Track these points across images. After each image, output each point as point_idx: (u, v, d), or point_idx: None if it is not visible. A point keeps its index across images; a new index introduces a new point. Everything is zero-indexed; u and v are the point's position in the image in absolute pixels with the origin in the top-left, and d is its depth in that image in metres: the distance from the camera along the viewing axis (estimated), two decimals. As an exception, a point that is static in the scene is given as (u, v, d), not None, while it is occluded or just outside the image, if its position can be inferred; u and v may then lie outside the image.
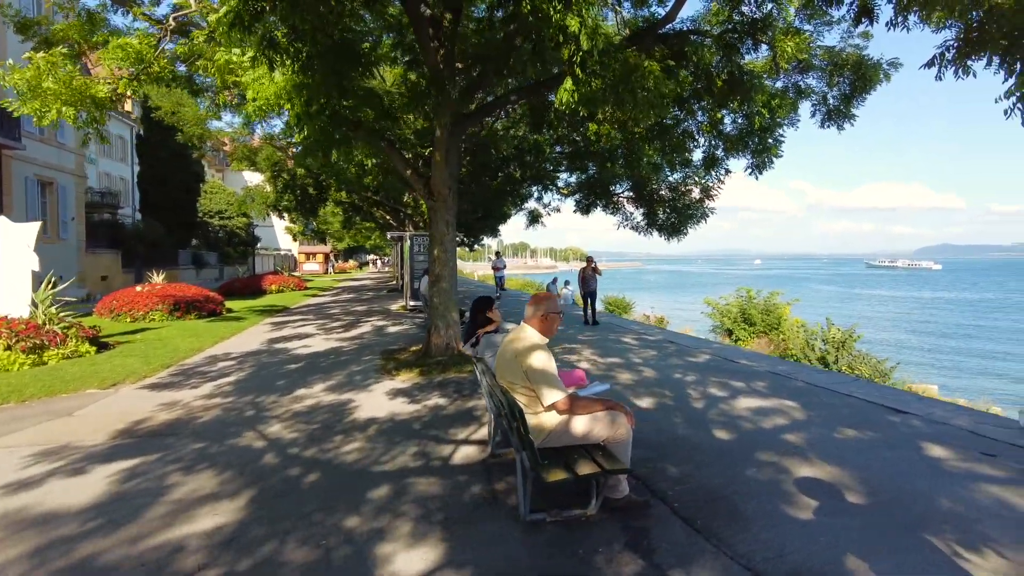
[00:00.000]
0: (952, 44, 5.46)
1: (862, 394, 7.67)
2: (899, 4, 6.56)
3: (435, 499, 4.29)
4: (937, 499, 4.31)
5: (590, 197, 16.91)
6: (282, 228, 50.63)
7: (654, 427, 6.08)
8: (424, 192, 9.44)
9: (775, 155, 10.90)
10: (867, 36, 10.31)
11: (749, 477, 4.72)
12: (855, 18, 7.16)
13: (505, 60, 7.52)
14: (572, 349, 10.92)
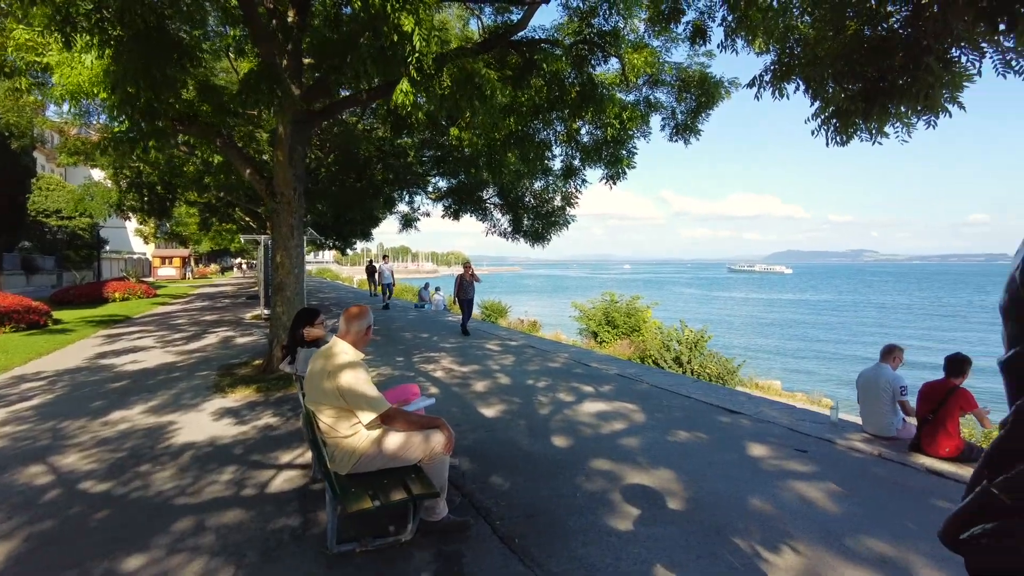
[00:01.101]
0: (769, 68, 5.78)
1: (699, 395, 8.03)
2: (727, 28, 6.93)
3: (238, 533, 3.87)
4: (749, 500, 4.49)
5: (459, 202, 16.79)
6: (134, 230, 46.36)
7: (495, 437, 5.97)
8: (266, 193, 8.81)
9: (628, 166, 11.25)
10: (711, 55, 10.94)
11: (579, 487, 4.69)
12: (691, 37, 7.48)
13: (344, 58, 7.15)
14: (432, 358, 10.68)
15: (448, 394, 7.81)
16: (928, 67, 3.77)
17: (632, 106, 10.48)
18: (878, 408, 6.20)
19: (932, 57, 3.78)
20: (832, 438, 6.18)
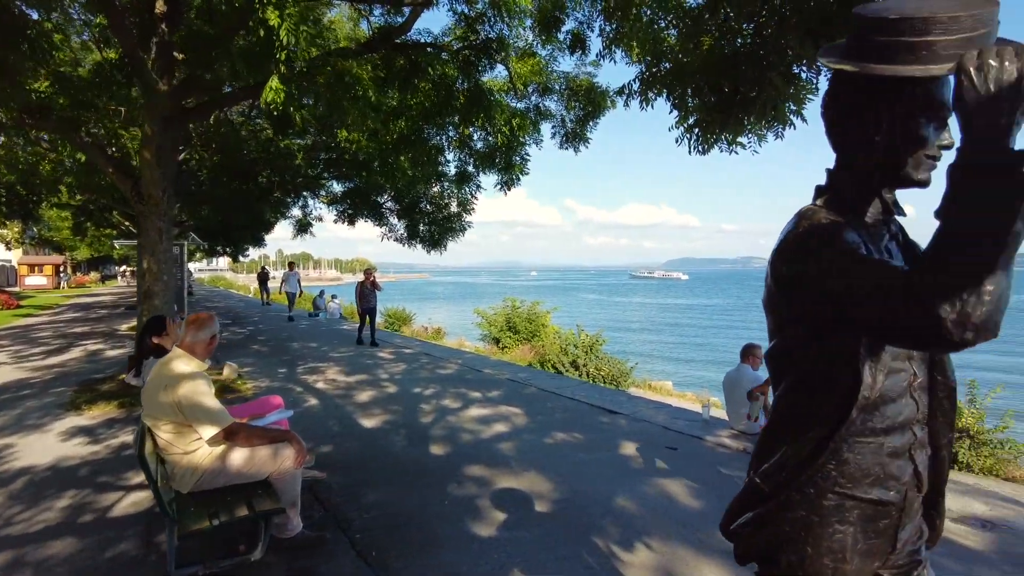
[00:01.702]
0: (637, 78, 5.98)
1: (583, 397, 8.19)
2: (605, 39, 7.14)
3: (65, 565, 3.52)
4: (614, 499, 4.58)
5: (354, 207, 16.38)
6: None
7: (371, 448, 5.81)
8: (132, 195, 8.21)
9: (521, 172, 11.38)
10: (597, 65, 11.26)
11: (448, 495, 4.63)
12: (570, 46, 7.66)
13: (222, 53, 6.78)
14: (317, 368, 10.30)
15: (329, 406, 7.54)
16: (771, 81, 4.02)
17: (522, 113, 10.60)
18: (741, 406, 6.54)
19: (775, 72, 4.03)
20: (702, 435, 6.46)
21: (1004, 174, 0.97)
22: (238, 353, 11.91)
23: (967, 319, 0.96)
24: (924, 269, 1.02)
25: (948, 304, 0.97)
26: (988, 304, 0.96)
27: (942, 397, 1.39)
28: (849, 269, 1.15)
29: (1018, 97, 0.98)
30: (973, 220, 0.98)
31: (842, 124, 1.34)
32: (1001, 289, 0.96)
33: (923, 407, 1.36)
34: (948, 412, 1.40)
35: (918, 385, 1.35)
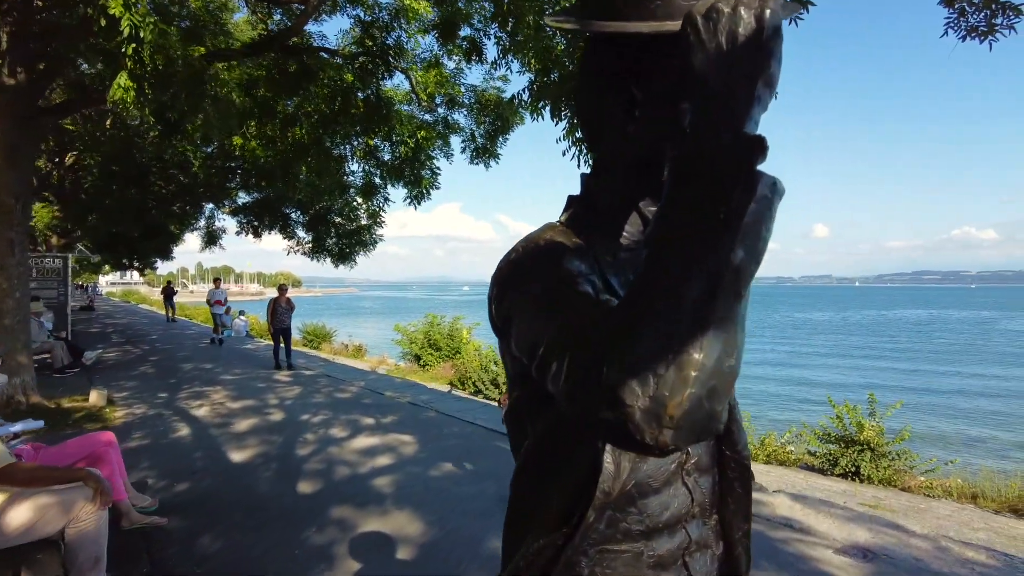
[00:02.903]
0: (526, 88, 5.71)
1: (483, 421, 7.81)
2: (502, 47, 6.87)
3: None
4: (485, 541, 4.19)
5: (258, 218, 15.54)
6: None
7: (231, 486, 5.22)
8: (-25, 201, 7.30)
9: (430, 186, 10.99)
10: (505, 80, 11.02)
11: (304, 541, 4.13)
12: (466, 53, 7.38)
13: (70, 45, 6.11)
14: (203, 393, 9.50)
15: (201, 436, 6.86)
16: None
17: (428, 126, 10.23)
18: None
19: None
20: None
21: (732, 170, 0.65)
22: (122, 375, 10.94)
23: (662, 410, 0.62)
24: (610, 325, 0.69)
25: (637, 384, 0.63)
26: (695, 387, 0.62)
27: (733, 478, 1.04)
28: (539, 316, 0.83)
29: (757, 56, 0.66)
30: (681, 248, 0.66)
31: (591, 113, 1.00)
32: (716, 362, 0.63)
33: (702, 495, 1.00)
34: (742, 497, 1.04)
35: (693, 467, 0.99)
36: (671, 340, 0.63)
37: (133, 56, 4.96)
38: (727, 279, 0.63)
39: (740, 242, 0.63)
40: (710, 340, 0.63)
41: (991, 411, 18.04)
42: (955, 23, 3.29)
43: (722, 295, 0.64)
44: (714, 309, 0.63)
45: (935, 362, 29.40)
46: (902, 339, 46.67)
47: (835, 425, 8.81)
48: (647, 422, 0.62)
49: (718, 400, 0.64)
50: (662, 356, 0.63)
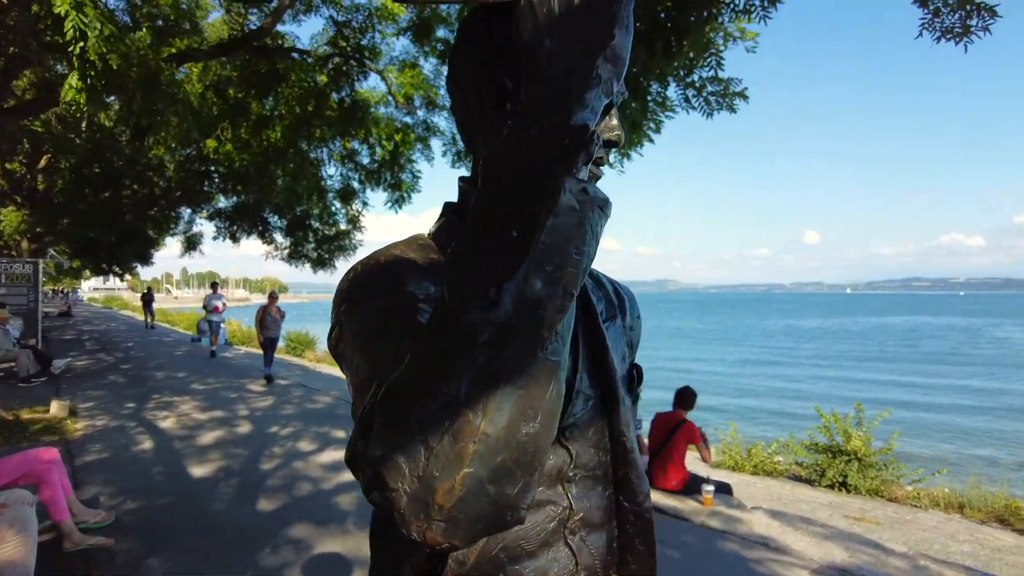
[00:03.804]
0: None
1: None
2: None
3: None
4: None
5: (238, 223, 15.27)
6: None
7: (187, 504, 4.98)
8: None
9: (411, 190, 10.82)
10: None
11: (255, 563, 3.91)
12: (440, 55, 7.23)
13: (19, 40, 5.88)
14: (171, 403, 9.21)
15: (162, 450, 6.61)
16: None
17: (405, 129, 10.06)
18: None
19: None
20: (572, 476, 5.99)
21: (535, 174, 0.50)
22: (90, 384, 10.63)
23: (430, 497, 0.47)
24: (391, 378, 0.53)
25: (404, 460, 0.48)
26: (473, 466, 0.47)
27: (633, 534, 0.87)
28: (359, 352, 0.69)
29: (597, 24, 0.52)
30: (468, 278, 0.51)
31: (462, 110, 0.85)
32: (506, 431, 0.48)
33: (591, 557, 0.83)
34: (645, 557, 0.88)
35: (579, 523, 0.81)
36: (448, 401, 0.47)
37: (80, 56, 4.75)
38: (521, 318, 0.48)
39: (537, 269, 0.48)
40: (497, 401, 0.47)
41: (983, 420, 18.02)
42: (930, 24, 3.16)
43: (515, 340, 0.48)
44: (504, 359, 0.48)
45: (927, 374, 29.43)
46: (891, 346, 46.92)
47: (823, 435, 8.71)
48: (413, 511, 0.47)
49: (510, 481, 0.48)
50: (437, 423, 0.47)
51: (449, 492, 0.46)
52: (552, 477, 0.78)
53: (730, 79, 3.98)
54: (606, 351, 0.86)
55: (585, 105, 0.51)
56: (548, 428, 0.50)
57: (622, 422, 0.85)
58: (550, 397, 0.50)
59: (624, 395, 0.87)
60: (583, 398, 0.82)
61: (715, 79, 3.94)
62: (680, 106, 4.12)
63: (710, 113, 4.04)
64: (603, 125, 0.76)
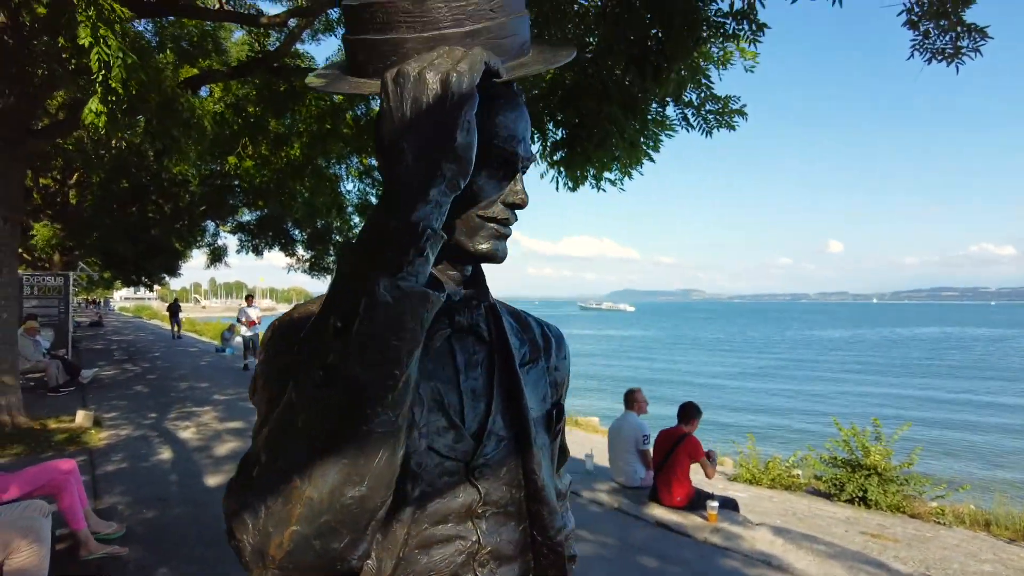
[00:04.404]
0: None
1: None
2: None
3: None
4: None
5: (261, 236, 15.60)
6: None
7: (202, 514, 5.12)
8: (-38, 222, 7.35)
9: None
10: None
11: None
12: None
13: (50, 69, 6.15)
14: (193, 413, 9.44)
15: (180, 460, 6.79)
16: (610, 115, 3.69)
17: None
18: (624, 457, 6.16)
19: (614, 105, 3.71)
20: (579, 490, 6.02)
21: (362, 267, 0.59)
22: (115, 394, 10.92)
23: (265, 548, 0.57)
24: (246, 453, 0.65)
25: (248, 515, 0.58)
26: (299, 525, 0.56)
27: (546, 566, 0.91)
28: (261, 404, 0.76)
29: (441, 126, 0.60)
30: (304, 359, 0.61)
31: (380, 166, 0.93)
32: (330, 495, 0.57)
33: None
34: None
35: (488, 556, 0.86)
36: (283, 468, 0.57)
37: (103, 83, 4.97)
38: (346, 397, 0.57)
39: (356, 357, 0.56)
40: (323, 469, 0.56)
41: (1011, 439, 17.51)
42: (920, 45, 3.18)
43: (341, 416, 0.57)
44: (332, 432, 0.57)
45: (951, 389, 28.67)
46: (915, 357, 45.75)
47: (841, 448, 8.59)
48: (254, 560, 0.57)
49: (335, 538, 0.57)
50: (274, 487, 0.57)
51: (279, 546, 0.56)
52: (461, 514, 0.84)
53: (728, 97, 4.05)
54: (521, 394, 0.92)
55: (428, 201, 0.60)
56: (376, 491, 0.59)
57: (534, 461, 0.90)
58: (379, 464, 0.58)
59: (538, 435, 0.93)
60: (495, 439, 0.88)
61: (713, 97, 4.01)
62: (679, 125, 4.17)
63: (708, 131, 4.10)
64: (508, 190, 0.84)
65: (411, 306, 0.58)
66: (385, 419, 0.58)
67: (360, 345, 0.56)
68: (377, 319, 0.57)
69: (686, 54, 3.04)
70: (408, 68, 0.62)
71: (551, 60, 0.79)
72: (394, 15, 0.69)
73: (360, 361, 0.57)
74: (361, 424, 0.57)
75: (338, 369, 0.57)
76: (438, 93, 0.60)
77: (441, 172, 0.60)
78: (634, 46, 3.04)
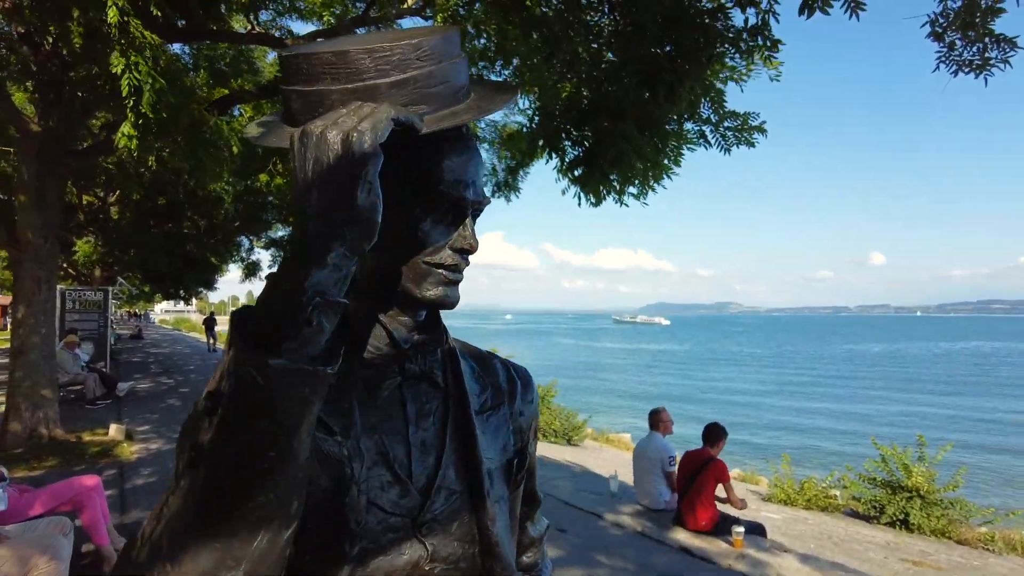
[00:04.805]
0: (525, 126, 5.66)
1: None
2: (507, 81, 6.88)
3: None
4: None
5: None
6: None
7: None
8: (6, 240, 7.63)
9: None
10: (526, 114, 11.03)
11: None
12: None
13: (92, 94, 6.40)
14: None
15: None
16: (625, 132, 3.64)
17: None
18: (648, 479, 6.03)
19: (629, 123, 3.66)
20: (602, 512, 5.91)
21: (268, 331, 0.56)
22: (148, 407, 11.16)
23: None
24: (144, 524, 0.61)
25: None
26: None
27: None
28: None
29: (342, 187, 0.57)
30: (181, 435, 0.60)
31: None
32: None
33: None
34: None
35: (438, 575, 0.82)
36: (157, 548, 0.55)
37: (134, 108, 5.11)
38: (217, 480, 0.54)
39: (224, 441, 0.52)
40: (193, 553, 0.53)
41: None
42: (946, 58, 3.05)
43: (214, 498, 0.54)
44: (204, 515, 0.54)
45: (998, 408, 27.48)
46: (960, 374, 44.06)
47: (880, 468, 8.29)
48: None
49: None
50: (150, 564, 0.54)
51: None
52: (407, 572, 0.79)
53: (748, 114, 3.95)
54: (475, 445, 0.87)
55: (324, 266, 0.56)
56: (258, 572, 0.55)
57: (488, 516, 0.85)
58: (259, 545, 0.55)
59: (495, 487, 0.88)
60: (446, 493, 0.83)
61: (732, 114, 3.92)
62: (698, 142, 4.10)
63: (727, 148, 4.01)
64: (456, 235, 0.81)
65: (287, 386, 0.54)
66: (264, 501, 0.55)
67: (227, 428, 0.53)
68: (244, 402, 0.54)
69: (699, 72, 2.98)
70: (312, 127, 0.59)
71: (486, 108, 0.76)
72: (318, 66, 0.68)
73: (228, 445, 0.53)
74: (234, 507, 0.54)
75: (207, 451, 0.54)
76: (339, 153, 0.57)
77: (341, 234, 0.57)
78: (646, 64, 3.00)
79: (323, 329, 0.58)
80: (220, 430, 0.53)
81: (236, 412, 0.53)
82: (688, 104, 3.36)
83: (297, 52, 0.70)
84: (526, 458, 0.97)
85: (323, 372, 0.57)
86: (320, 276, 0.56)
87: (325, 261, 0.57)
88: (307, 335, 0.56)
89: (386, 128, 0.60)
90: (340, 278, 0.58)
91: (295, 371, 0.55)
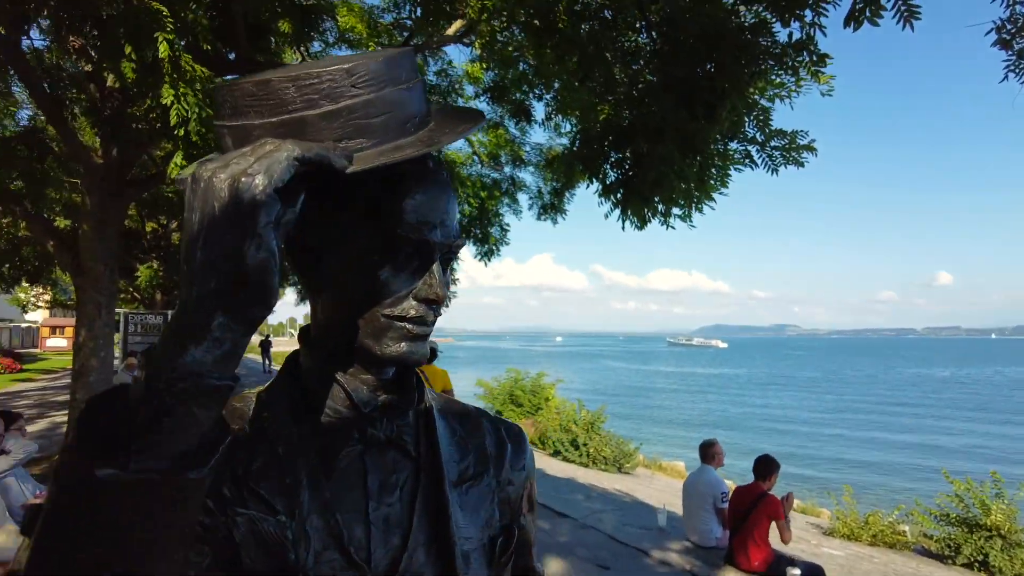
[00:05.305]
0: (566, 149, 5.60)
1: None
2: (548, 108, 6.90)
3: None
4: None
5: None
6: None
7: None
8: (70, 267, 7.99)
9: (499, 243, 11.04)
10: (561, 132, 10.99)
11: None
12: (514, 115, 7.44)
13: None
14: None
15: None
16: (664, 155, 3.50)
17: (492, 186, 10.32)
18: (699, 515, 5.75)
19: (670, 144, 3.52)
20: (649, 548, 5.66)
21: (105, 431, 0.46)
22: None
23: None
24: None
25: None
26: None
27: None
28: None
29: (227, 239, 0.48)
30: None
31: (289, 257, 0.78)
32: None
33: None
34: None
35: None
36: None
37: (184, 138, 5.29)
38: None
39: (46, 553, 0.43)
40: None
41: None
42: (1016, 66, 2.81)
43: None
44: None
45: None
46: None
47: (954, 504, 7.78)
48: None
49: None
50: None
51: None
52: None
53: (795, 132, 3.75)
54: (447, 523, 0.76)
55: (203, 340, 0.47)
56: None
57: None
58: None
59: (472, 570, 0.76)
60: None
61: (779, 133, 3.74)
62: (744, 162, 3.93)
63: (775, 169, 3.82)
64: (421, 283, 0.70)
65: (117, 499, 0.44)
66: None
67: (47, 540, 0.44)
68: (63, 514, 0.44)
69: (741, 90, 2.83)
70: (203, 170, 0.50)
71: (437, 139, 0.65)
72: (240, 99, 0.61)
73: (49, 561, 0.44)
74: None
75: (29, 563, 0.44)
76: (225, 200, 0.47)
77: (226, 301, 0.47)
78: (685, 84, 2.87)
79: (196, 420, 0.47)
80: (43, 542, 0.44)
81: (60, 527, 0.44)
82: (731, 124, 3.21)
83: (223, 84, 0.62)
84: (514, 534, 0.84)
85: (188, 478, 0.47)
86: (197, 353, 0.46)
87: (205, 334, 0.47)
88: (168, 429, 0.46)
89: (286, 170, 0.50)
90: (223, 355, 0.48)
91: (136, 484, 0.45)
